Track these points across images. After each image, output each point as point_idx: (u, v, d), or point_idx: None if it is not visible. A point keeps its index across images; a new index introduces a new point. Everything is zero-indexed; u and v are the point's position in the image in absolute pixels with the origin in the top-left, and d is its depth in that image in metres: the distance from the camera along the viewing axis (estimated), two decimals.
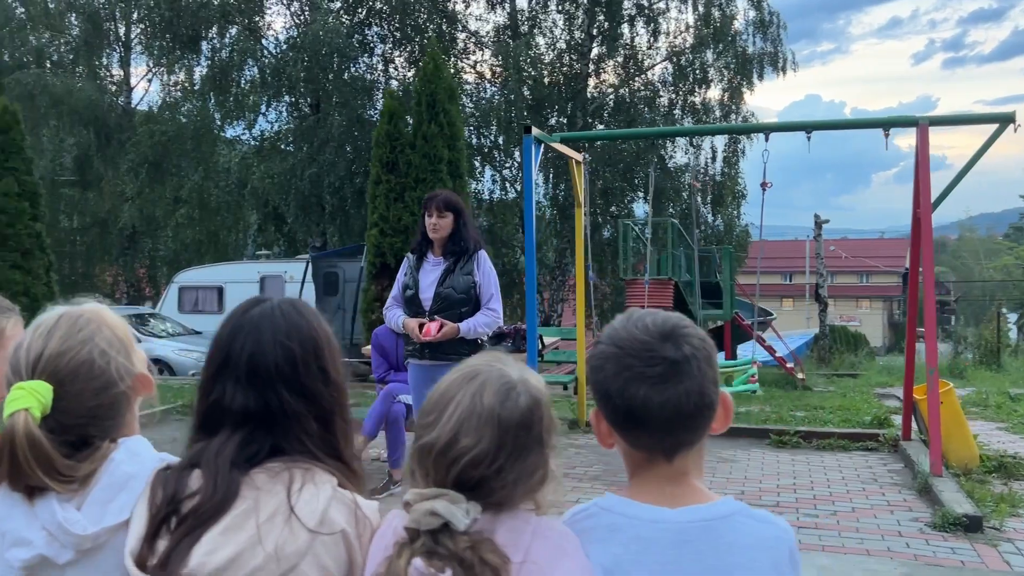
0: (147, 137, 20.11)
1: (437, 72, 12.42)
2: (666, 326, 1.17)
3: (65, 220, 24.02)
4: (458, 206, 4.44)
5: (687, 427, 1.15)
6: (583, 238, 7.79)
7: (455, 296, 4.32)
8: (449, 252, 4.40)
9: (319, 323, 1.32)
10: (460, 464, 1.10)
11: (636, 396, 1.13)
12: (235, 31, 20.21)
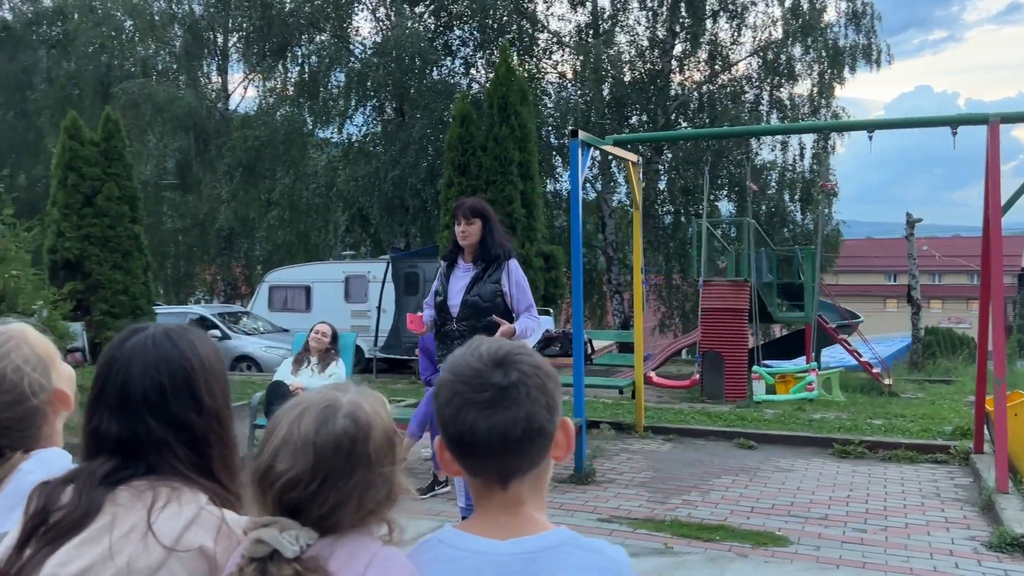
0: (241, 142, 20.93)
1: (509, 74, 12.50)
2: (499, 353, 1.17)
3: (168, 221, 25.23)
4: (485, 212, 4.48)
5: (516, 453, 1.15)
6: (639, 240, 7.70)
7: (481, 304, 4.35)
8: (479, 259, 4.44)
9: (194, 352, 1.34)
10: (276, 488, 1.13)
11: (465, 422, 1.14)
12: (323, 38, 20.81)
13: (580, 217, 6.09)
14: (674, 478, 6.11)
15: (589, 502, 5.44)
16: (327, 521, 1.14)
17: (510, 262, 4.47)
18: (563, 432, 1.20)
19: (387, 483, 1.21)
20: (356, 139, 21.37)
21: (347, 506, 1.15)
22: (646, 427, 7.69)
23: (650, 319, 21.01)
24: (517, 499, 1.17)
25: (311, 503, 1.13)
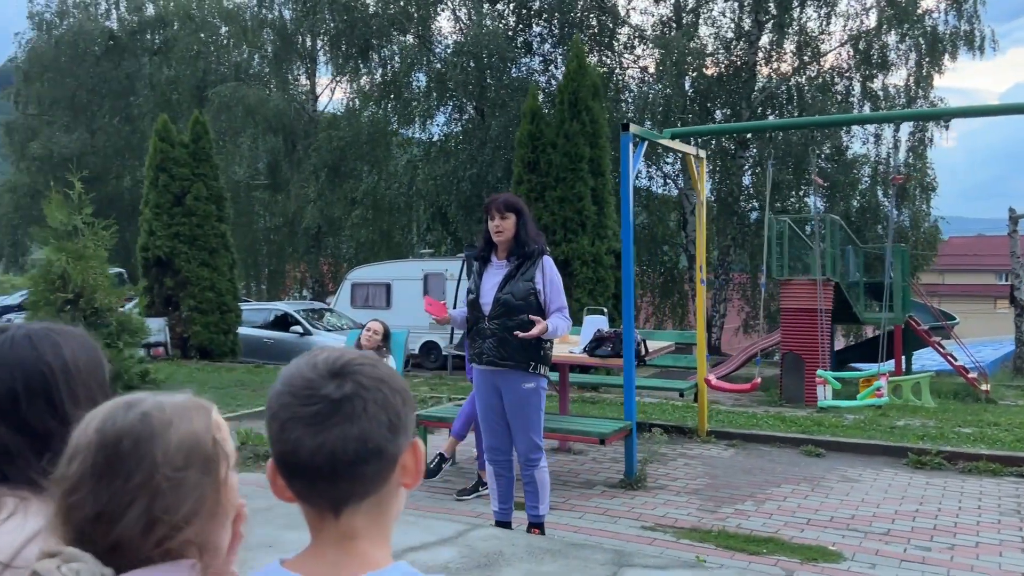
0: (326, 142, 21.43)
1: (581, 70, 12.33)
2: (337, 363, 1.04)
3: (260, 220, 26.06)
4: (519, 207, 4.36)
5: (349, 477, 1.01)
6: (703, 237, 7.43)
7: (513, 302, 4.24)
8: (513, 254, 4.33)
9: (56, 355, 1.26)
10: (61, 495, 1.02)
11: (290, 439, 1.01)
12: (406, 39, 21.08)
13: (631, 213, 5.90)
14: (730, 486, 5.85)
15: (635, 508, 5.25)
16: (113, 541, 1.01)
17: (544, 259, 4.34)
18: (412, 456, 1.06)
19: (188, 495, 1.05)
20: (437, 138, 21.58)
21: (128, 515, 1.00)
22: (709, 431, 7.41)
23: (734, 319, 20.44)
24: (351, 532, 1.03)
25: (95, 520, 1.00)
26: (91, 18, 29.12)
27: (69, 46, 27.92)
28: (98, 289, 8.00)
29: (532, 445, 4.34)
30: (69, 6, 29.51)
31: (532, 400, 4.30)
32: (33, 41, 28.64)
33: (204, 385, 11.74)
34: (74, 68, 27.72)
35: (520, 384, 4.27)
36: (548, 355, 4.35)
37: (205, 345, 15.48)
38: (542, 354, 4.30)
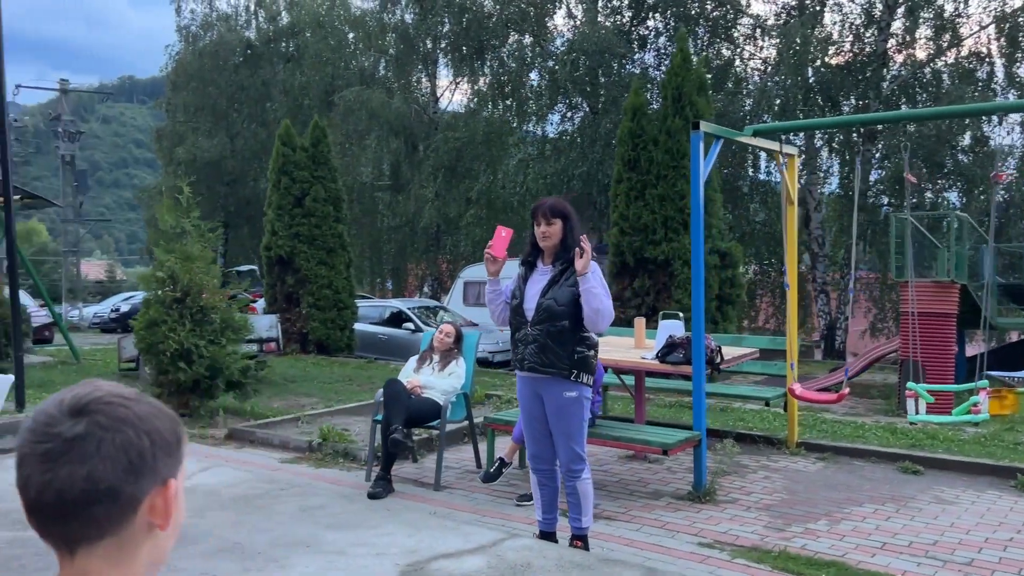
0: (444, 143, 21.84)
1: (685, 64, 12.00)
2: (83, 400, 1.02)
3: (383, 220, 26.81)
4: (565, 211, 4.27)
5: (78, 517, 0.99)
6: (794, 239, 7.05)
7: (556, 308, 4.16)
8: (558, 259, 4.25)
9: None
10: None
11: (22, 475, 1.01)
12: (521, 39, 21.17)
13: (701, 216, 5.67)
14: (807, 502, 5.53)
15: (697, 523, 5.06)
16: None
17: (591, 263, 4.23)
18: (162, 498, 1.04)
19: None
20: (551, 137, 21.57)
21: None
22: (800, 443, 7.05)
23: (861, 321, 19.36)
24: (85, 573, 1.03)
25: None
26: (232, 29, 30.88)
27: (211, 56, 29.73)
28: (204, 288, 8.46)
29: (574, 455, 4.26)
30: (213, 19, 31.41)
31: (574, 409, 4.21)
32: (180, 53, 30.68)
33: (313, 380, 12.25)
34: (215, 77, 29.48)
35: (561, 392, 4.19)
36: (591, 363, 4.24)
37: (323, 340, 16.12)
38: (585, 361, 4.20)
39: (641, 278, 11.88)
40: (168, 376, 8.22)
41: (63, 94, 32.31)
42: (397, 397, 5.70)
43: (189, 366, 8.13)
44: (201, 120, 30.19)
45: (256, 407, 8.83)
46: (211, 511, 4.55)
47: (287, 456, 6.75)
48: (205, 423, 8.09)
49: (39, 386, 10.53)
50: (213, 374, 8.28)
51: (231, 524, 4.32)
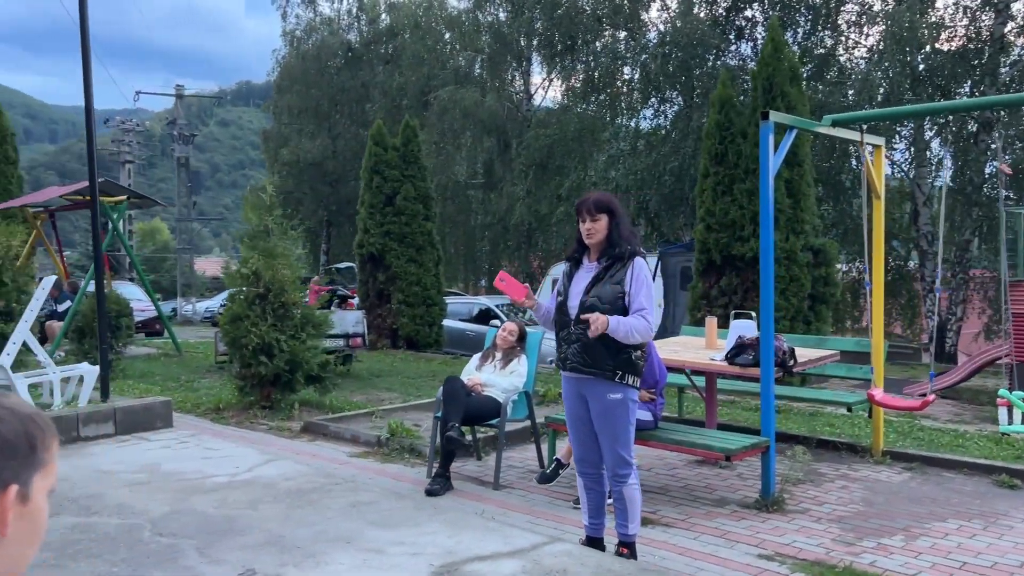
0: (535, 141, 21.80)
1: (776, 53, 11.53)
2: None
3: (478, 218, 27.07)
4: (610, 206, 4.12)
5: None
6: (881, 236, 6.63)
7: (599, 307, 4.01)
8: (604, 256, 4.11)
9: None
10: None
11: None
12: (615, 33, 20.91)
13: (771, 210, 5.39)
14: (884, 515, 5.19)
15: (760, 533, 4.81)
16: None
17: (635, 260, 4.07)
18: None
19: None
20: (644, 132, 21.22)
21: None
22: (886, 451, 6.64)
23: (974, 323, 18.20)
24: None
25: None
26: (334, 32, 31.75)
27: (314, 60, 30.65)
28: (285, 285, 8.68)
29: (619, 459, 4.10)
30: (316, 23, 32.38)
31: (618, 412, 4.06)
32: (286, 57, 31.76)
33: (397, 375, 12.42)
34: (318, 80, 30.38)
35: (605, 394, 4.05)
36: (637, 364, 4.08)
37: (412, 336, 16.34)
38: (630, 363, 4.04)
39: (728, 276, 11.49)
40: (250, 369, 8.46)
41: (178, 99, 33.98)
42: (455, 395, 5.67)
43: (270, 360, 8.34)
44: (305, 122, 31.17)
45: (335, 401, 9.00)
46: (264, 504, 4.63)
47: (356, 450, 6.83)
48: (285, 416, 8.29)
49: (139, 377, 11.07)
50: (292, 368, 8.47)
51: (280, 518, 4.38)
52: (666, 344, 6.76)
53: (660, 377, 5.57)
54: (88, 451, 5.87)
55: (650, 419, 5.51)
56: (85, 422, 6.17)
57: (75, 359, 11.12)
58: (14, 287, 8.32)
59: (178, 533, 4.13)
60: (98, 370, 6.92)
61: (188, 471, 5.33)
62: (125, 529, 4.20)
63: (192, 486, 4.98)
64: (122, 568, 3.69)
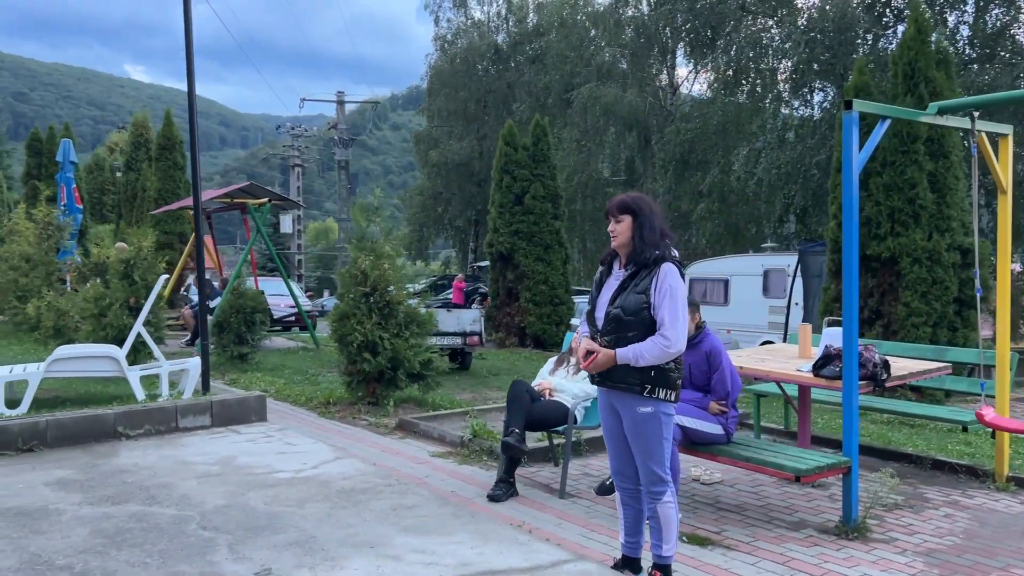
0: (675, 135, 21.19)
1: (919, 36, 10.58)
2: None
3: None
4: (635, 207, 3.85)
5: None
6: (1007, 234, 5.87)
7: (623, 318, 3.76)
8: (631, 261, 3.86)
9: None
10: None
11: None
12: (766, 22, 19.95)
13: (855, 207, 4.90)
14: (983, 551, 4.59)
15: (828, 563, 4.38)
16: None
17: (663, 267, 3.78)
18: None
19: None
20: (792, 123, 20.12)
21: None
22: (1011, 477, 5.90)
23: None
24: None
25: None
26: (483, 35, 32.32)
27: (463, 62, 31.34)
28: (390, 284, 8.87)
29: (653, 476, 3.85)
30: (467, 26, 33.09)
31: (650, 426, 3.80)
32: (437, 61, 32.66)
33: (516, 374, 12.42)
34: (466, 82, 31.04)
35: (635, 408, 3.80)
36: (669, 376, 3.80)
37: (539, 335, 16.35)
38: (660, 375, 3.77)
39: (864, 278, 10.66)
40: (356, 366, 8.71)
41: (339, 105, 35.73)
42: (518, 398, 5.55)
43: (374, 357, 8.55)
44: (453, 124, 31.94)
45: (438, 399, 9.10)
46: (312, 502, 4.71)
47: (439, 450, 6.86)
48: (387, 412, 8.46)
49: (270, 370, 11.68)
50: (394, 366, 8.64)
51: (320, 517, 4.43)
52: (756, 352, 6.33)
53: (732, 388, 5.20)
54: (180, 442, 6.21)
55: (720, 433, 5.16)
56: (183, 414, 6.54)
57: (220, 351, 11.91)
58: (142, 284, 8.97)
59: (220, 528, 4.27)
60: (198, 362, 7.32)
61: (258, 466, 5.52)
62: (176, 520, 4.39)
63: (255, 481, 5.15)
64: (155, 559, 3.85)
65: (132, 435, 6.30)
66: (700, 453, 5.21)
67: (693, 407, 5.19)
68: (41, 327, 9.46)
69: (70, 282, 13.43)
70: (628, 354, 3.68)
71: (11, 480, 5.18)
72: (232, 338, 11.83)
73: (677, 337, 3.72)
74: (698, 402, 5.22)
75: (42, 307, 9.57)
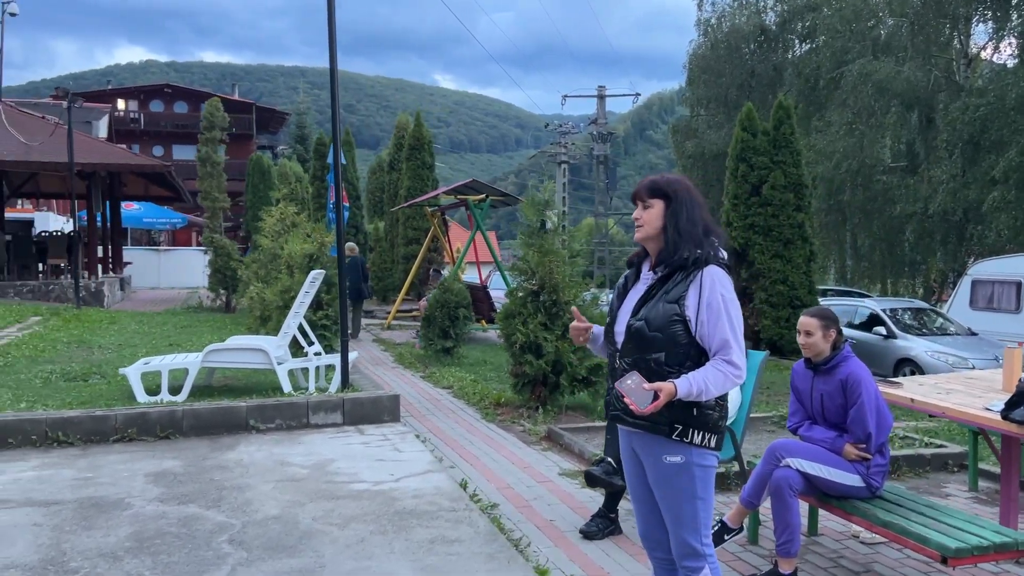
0: (961, 113, 18.16)
1: None
2: None
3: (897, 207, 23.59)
4: (668, 190, 2.91)
5: None
6: None
7: (647, 333, 2.86)
8: (661, 262, 2.95)
9: None
10: None
11: None
12: None
13: None
14: None
15: None
16: None
17: (707, 271, 2.83)
18: None
19: None
20: None
21: None
22: None
23: None
24: None
25: None
26: (749, 16, 30.29)
27: (725, 46, 29.58)
28: (560, 283, 8.29)
29: (685, 547, 2.92)
30: (732, 7, 31.23)
31: (680, 482, 2.88)
32: (698, 47, 31.17)
33: None
34: (727, 67, 29.26)
35: (660, 456, 2.90)
36: (709, 415, 2.85)
37: (775, 340, 14.77)
38: (697, 415, 2.84)
39: None
40: (520, 367, 8.26)
41: (599, 100, 35.56)
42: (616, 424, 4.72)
43: (536, 359, 8.05)
44: (714, 112, 30.29)
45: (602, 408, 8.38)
46: (357, 523, 4.32)
47: (572, 467, 6.19)
48: (551, 417, 7.95)
49: (471, 365, 11.61)
50: (557, 370, 8.08)
51: (348, 543, 4.02)
52: (948, 379, 4.90)
53: (878, 429, 3.98)
54: (300, 439, 6.16)
55: (860, 485, 3.97)
56: (315, 410, 6.51)
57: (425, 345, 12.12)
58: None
59: (244, 544, 4.01)
60: (349, 358, 7.28)
61: (345, 473, 5.26)
62: (215, 530, 4.22)
63: (326, 491, 4.88)
64: (155, 572, 3.66)
65: (262, 428, 6.36)
66: (833, 508, 4.06)
67: (823, 449, 4.06)
68: (249, 315, 10.19)
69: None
70: (691, 388, 2.75)
71: (123, 467, 5.39)
72: (437, 332, 11.94)
73: (743, 363, 2.82)
74: (830, 443, 4.06)
75: (253, 297, 10.29)
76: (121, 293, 20.67)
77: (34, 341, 10.99)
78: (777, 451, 4.05)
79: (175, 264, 26.57)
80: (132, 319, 15.00)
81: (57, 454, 5.71)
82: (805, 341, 4.19)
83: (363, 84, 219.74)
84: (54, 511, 4.49)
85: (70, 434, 5.93)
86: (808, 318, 4.23)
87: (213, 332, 12.90)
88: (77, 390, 7.53)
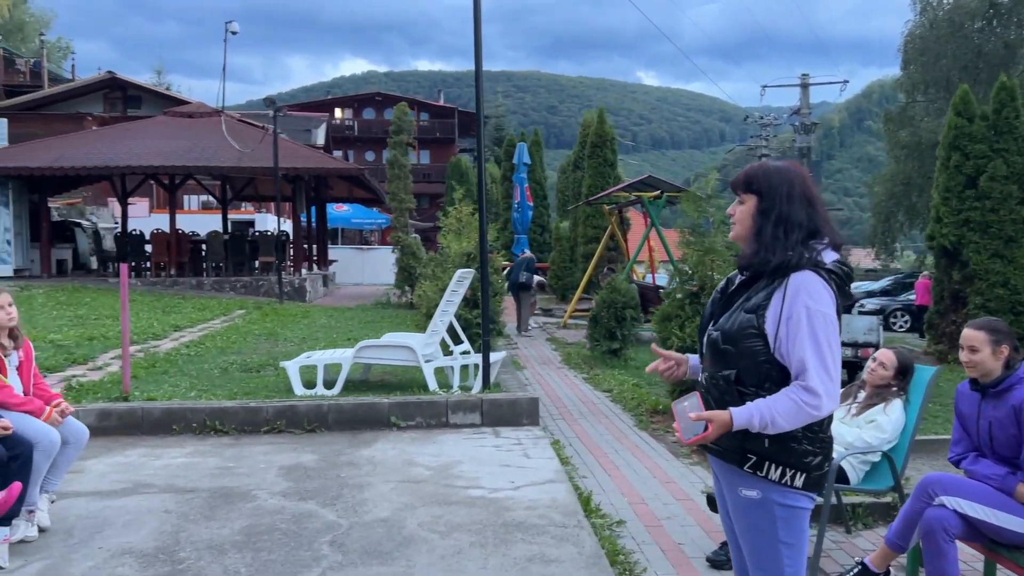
0: None
1: None
2: None
3: None
4: (763, 186, 2.46)
5: None
6: None
7: (720, 346, 2.43)
8: (747, 266, 2.51)
9: None
10: None
11: None
12: None
13: None
14: None
15: None
16: None
17: (795, 278, 2.36)
18: None
19: None
20: None
21: None
22: None
23: None
24: None
25: None
26: None
27: (947, 24, 26.85)
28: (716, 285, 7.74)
29: None
30: None
31: (758, 520, 2.44)
32: (914, 27, 28.53)
33: None
34: (948, 47, 26.53)
35: (737, 488, 2.48)
36: (794, 451, 2.38)
37: None
38: (778, 445, 2.39)
39: None
40: None
41: (803, 89, 33.52)
42: None
43: None
44: (933, 97, 27.59)
45: None
46: (461, 531, 4.15)
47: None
48: None
49: (637, 368, 11.18)
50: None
51: (445, 553, 3.86)
52: None
53: None
54: (435, 439, 6.11)
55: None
56: (454, 410, 6.46)
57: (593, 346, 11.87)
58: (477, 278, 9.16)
59: (344, 547, 3.97)
60: (495, 358, 7.18)
61: (466, 477, 5.12)
62: (321, 529, 4.22)
63: (442, 496, 4.76)
64: (251, 570, 3.69)
65: (402, 426, 6.39)
66: (1003, 560, 3.38)
67: (989, 488, 3.38)
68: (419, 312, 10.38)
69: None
70: (753, 419, 2.32)
71: (263, 459, 5.58)
72: (603, 333, 11.64)
73: (829, 390, 2.30)
74: (999, 481, 3.37)
75: (421, 294, 10.49)
76: (324, 289, 22.04)
77: (229, 333, 11.87)
78: (930, 487, 3.42)
79: (377, 262, 28.06)
80: (324, 314, 15.88)
81: (211, 442, 6.03)
82: (969, 358, 3.51)
83: (565, 85, 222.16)
84: (187, 499, 4.70)
85: (226, 423, 6.25)
86: (973, 331, 3.54)
87: (392, 327, 13.35)
88: (247, 381, 7.97)
